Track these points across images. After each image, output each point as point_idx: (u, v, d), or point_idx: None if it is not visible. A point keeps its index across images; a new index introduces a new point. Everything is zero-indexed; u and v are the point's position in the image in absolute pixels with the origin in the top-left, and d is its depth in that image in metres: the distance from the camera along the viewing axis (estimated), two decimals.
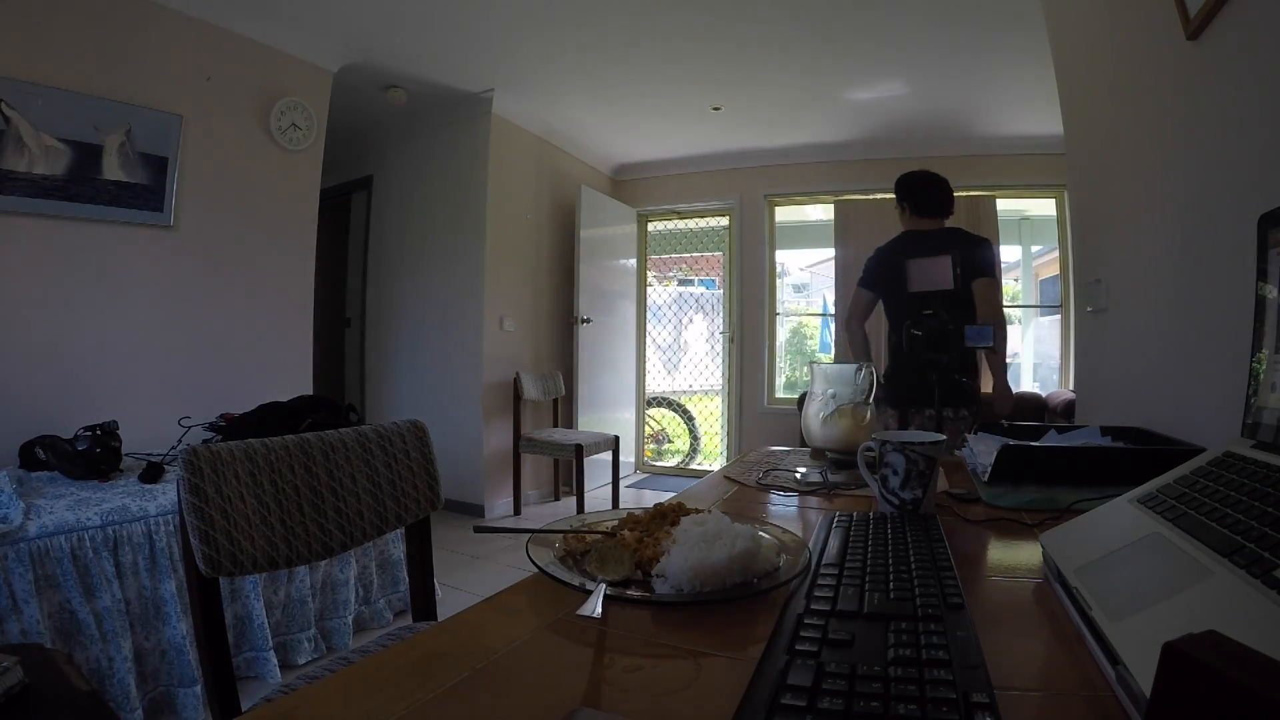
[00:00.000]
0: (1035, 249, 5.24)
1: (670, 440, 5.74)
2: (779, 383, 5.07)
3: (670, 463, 5.50)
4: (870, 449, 0.84)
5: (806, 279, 6.69)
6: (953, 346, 1.96)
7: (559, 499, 4.45)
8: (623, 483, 4.36)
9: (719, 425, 5.30)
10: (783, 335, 5.31)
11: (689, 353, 5.69)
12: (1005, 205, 4.44)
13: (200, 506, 0.81)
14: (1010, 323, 4.90)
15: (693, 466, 5.40)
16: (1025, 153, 4.12)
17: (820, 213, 5.19)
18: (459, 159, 4.00)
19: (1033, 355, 4.99)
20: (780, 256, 5.14)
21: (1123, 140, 1.50)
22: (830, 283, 4.90)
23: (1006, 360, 2.49)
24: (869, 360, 2.45)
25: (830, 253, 4.84)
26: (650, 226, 5.38)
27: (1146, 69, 1.33)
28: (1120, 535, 0.57)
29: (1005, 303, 4.70)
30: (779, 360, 5.10)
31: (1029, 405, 3.57)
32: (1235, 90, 1.00)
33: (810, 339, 6.02)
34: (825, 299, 5.99)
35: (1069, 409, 2.95)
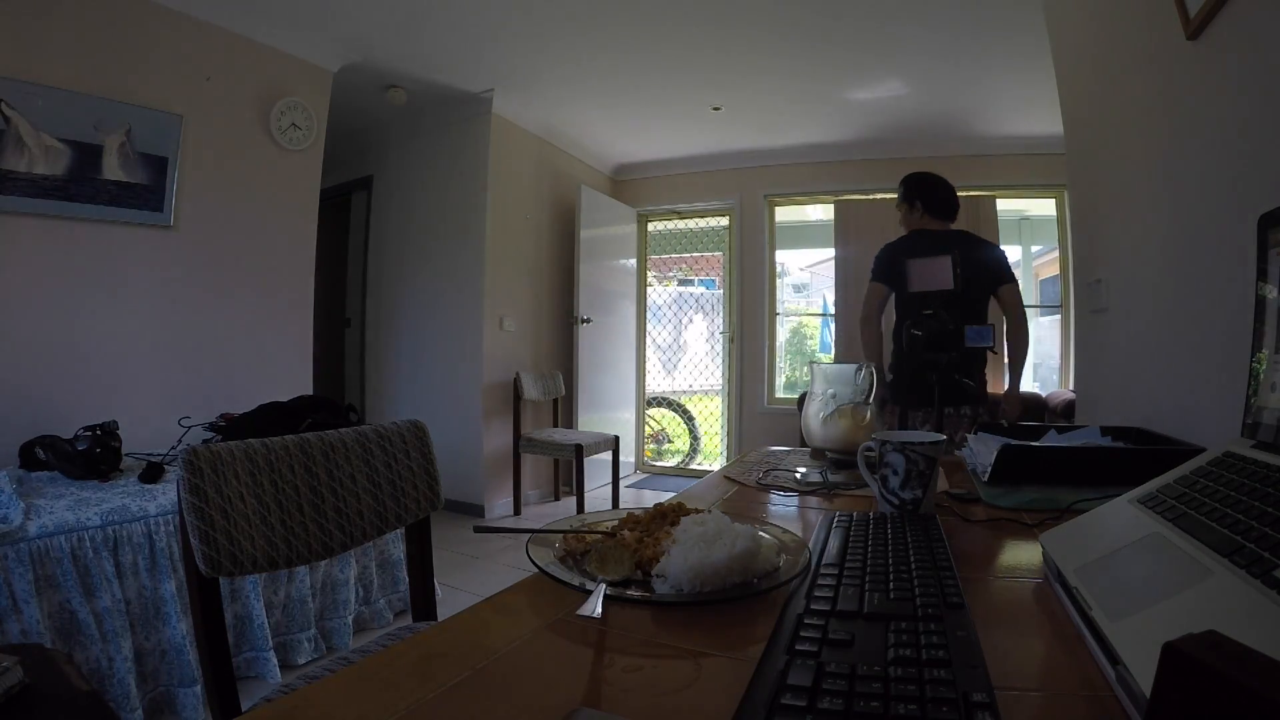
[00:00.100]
0: (1035, 249, 5.24)
1: (670, 440, 5.74)
2: (779, 383, 5.07)
3: (670, 463, 5.50)
4: (870, 449, 0.84)
5: (806, 279, 6.69)
6: (952, 346, 1.96)
7: (559, 499, 4.45)
8: (623, 483, 4.36)
9: (719, 425, 5.30)
10: (783, 335, 5.31)
11: (689, 353, 5.69)
12: (1005, 205, 4.44)
13: (200, 506, 0.81)
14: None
15: (693, 466, 5.40)
16: (1025, 153, 4.12)
17: (820, 213, 5.20)
18: (459, 159, 4.00)
19: (1033, 355, 4.98)
20: (780, 256, 5.14)
21: (1123, 140, 1.50)
22: (830, 283, 4.90)
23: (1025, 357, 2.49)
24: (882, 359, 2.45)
25: (830, 253, 4.85)
26: (650, 226, 5.38)
27: (1146, 69, 1.33)
28: (1120, 535, 0.57)
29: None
30: (779, 360, 5.10)
31: (1029, 405, 3.57)
32: (1235, 90, 1.00)
33: (810, 339, 6.01)
34: (825, 299, 5.99)
35: (1069, 409, 2.96)
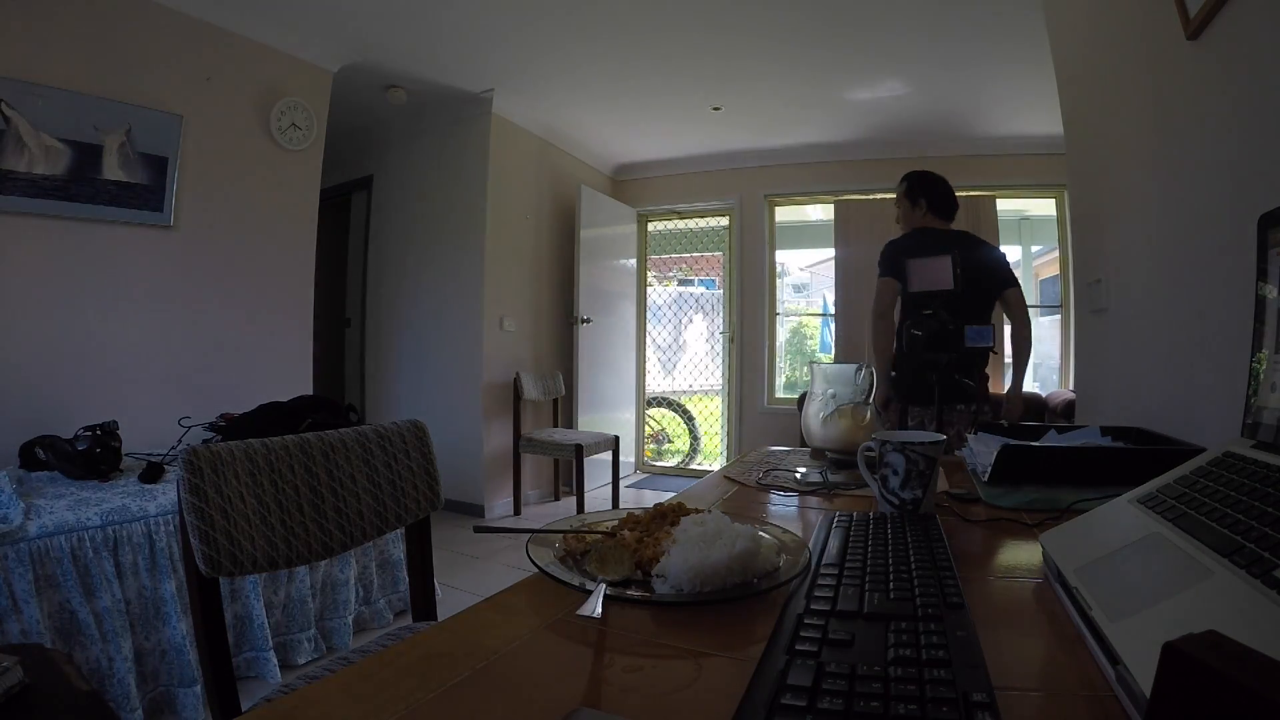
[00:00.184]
0: (1035, 249, 5.24)
1: (670, 440, 5.74)
2: (779, 383, 5.07)
3: (670, 463, 5.50)
4: (870, 449, 0.84)
5: (806, 279, 6.69)
6: (952, 347, 1.96)
7: (559, 499, 4.45)
8: (623, 483, 4.36)
9: (719, 425, 5.30)
10: (783, 335, 5.31)
11: (688, 352, 5.69)
12: (1005, 205, 4.44)
13: (200, 506, 0.81)
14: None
15: (693, 466, 5.40)
16: (1025, 153, 4.12)
17: (820, 213, 5.20)
18: (459, 159, 4.00)
19: (1033, 355, 4.98)
20: (780, 256, 5.14)
21: (1123, 140, 1.50)
22: (830, 283, 4.90)
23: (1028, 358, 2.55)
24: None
25: (830, 253, 4.85)
26: (650, 226, 5.38)
27: (1146, 69, 1.33)
28: (1120, 535, 0.57)
29: None
30: (779, 360, 5.10)
31: (1029, 405, 3.57)
32: (1235, 90, 1.00)
33: (810, 339, 6.01)
34: (825, 299, 5.99)
35: (1069, 409, 2.96)
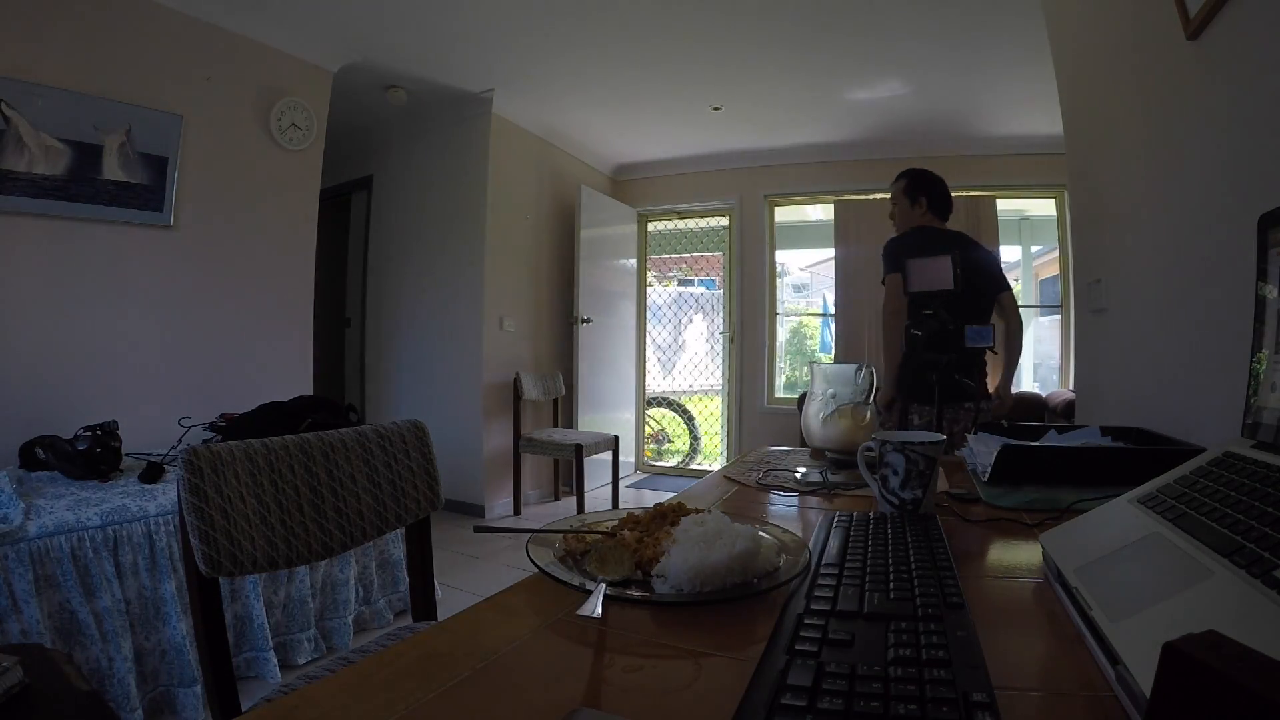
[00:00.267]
0: (1035, 249, 5.24)
1: (670, 440, 5.74)
2: (779, 383, 5.07)
3: (670, 463, 5.50)
4: (870, 449, 0.84)
5: (806, 279, 6.69)
6: (952, 347, 1.96)
7: (559, 499, 4.45)
8: (623, 483, 4.36)
9: (719, 425, 5.30)
10: (783, 335, 5.31)
11: (688, 352, 5.69)
12: (1005, 205, 4.44)
13: (200, 506, 0.81)
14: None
15: (693, 466, 5.40)
16: (1025, 153, 4.12)
17: (820, 213, 5.20)
18: (459, 159, 4.00)
19: (1033, 355, 4.99)
20: (780, 256, 5.14)
21: (1123, 140, 1.50)
22: (830, 283, 4.90)
23: (1019, 359, 2.57)
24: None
25: (830, 253, 4.85)
26: (650, 226, 5.38)
27: (1146, 69, 1.33)
28: (1120, 535, 0.57)
29: None
30: (779, 360, 5.10)
31: (1029, 405, 3.57)
32: (1235, 90, 1.00)
33: (810, 339, 6.02)
34: (825, 299, 5.99)
35: (1069, 409, 2.95)
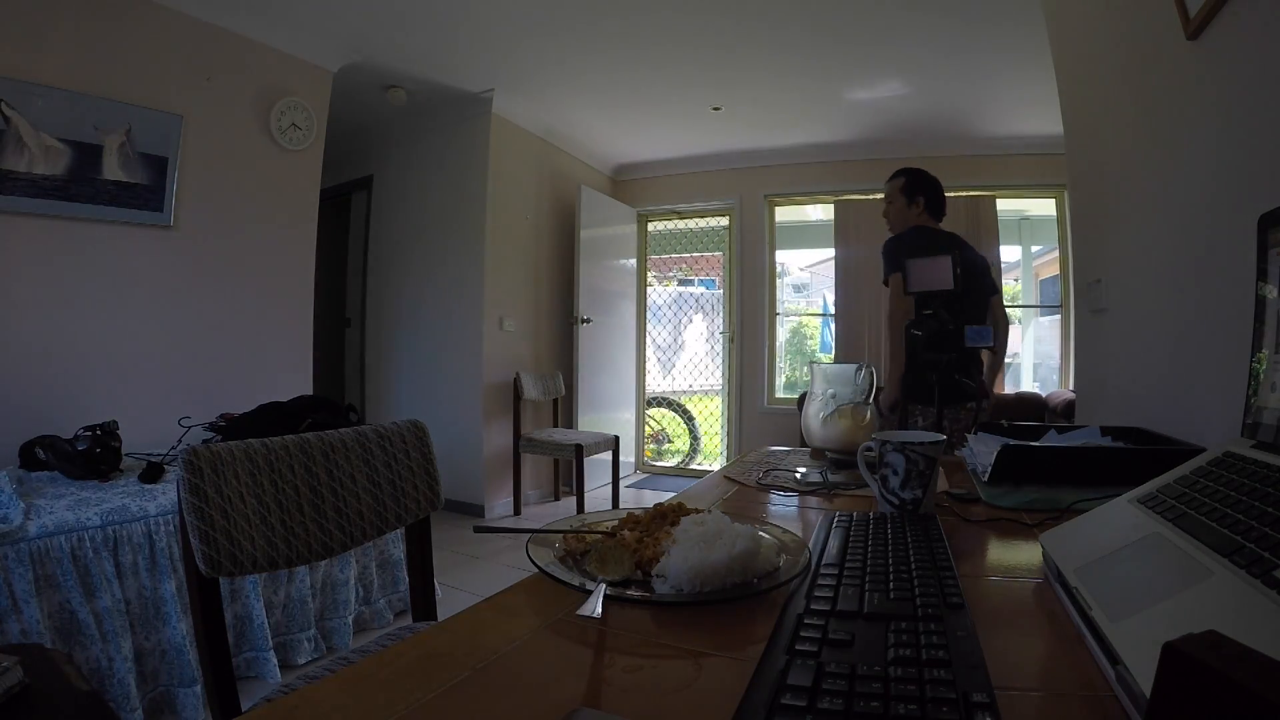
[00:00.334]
0: (1035, 249, 5.24)
1: (670, 440, 5.74)
2: (779, 383, 5.07)
3: (670, 463, 5.50)
4: (870, 449, 0.84)
5: (806, 279, 6.69)
6: (952, 346, 1.95)
7: (559, 499, 4.45)
8: (623, 483, 4.36)
9: (719, 425, 5.30)
10: (783, 335, 5.31)
11: (687, 352, 5.69)
12: (1005, 205, 4.44)
13: (200, 506, 0.81)
14: (1011, 323, 4.91)
15: (693, 466, 5.40)
16: (1025, 153, 4.12)
17: (820, 213, 5.20)
18: (459, 159, 4.00)
19: (1033, 355, 4.99)
20: (780, 256, 5.14)
21: (1123, 140, 1.50)
22: (830, 283, 4.90)
23: (1005, 360, 2.64)
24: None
25: (830, 253, 4.85)
26: (650, 226, 5.38)
27: (1146, 69, 1.33)
28: (1120, 535, 0.57)
29: (1006, 303, 4.77)
30: (779, 360, 5.10)
31: (1029, 405, 3.57)
32: (1235, 90, 1.00)
33: (810, 339, 6.02)
34: (825, 299, 5.99)
35: (1069, 409, 2.95)
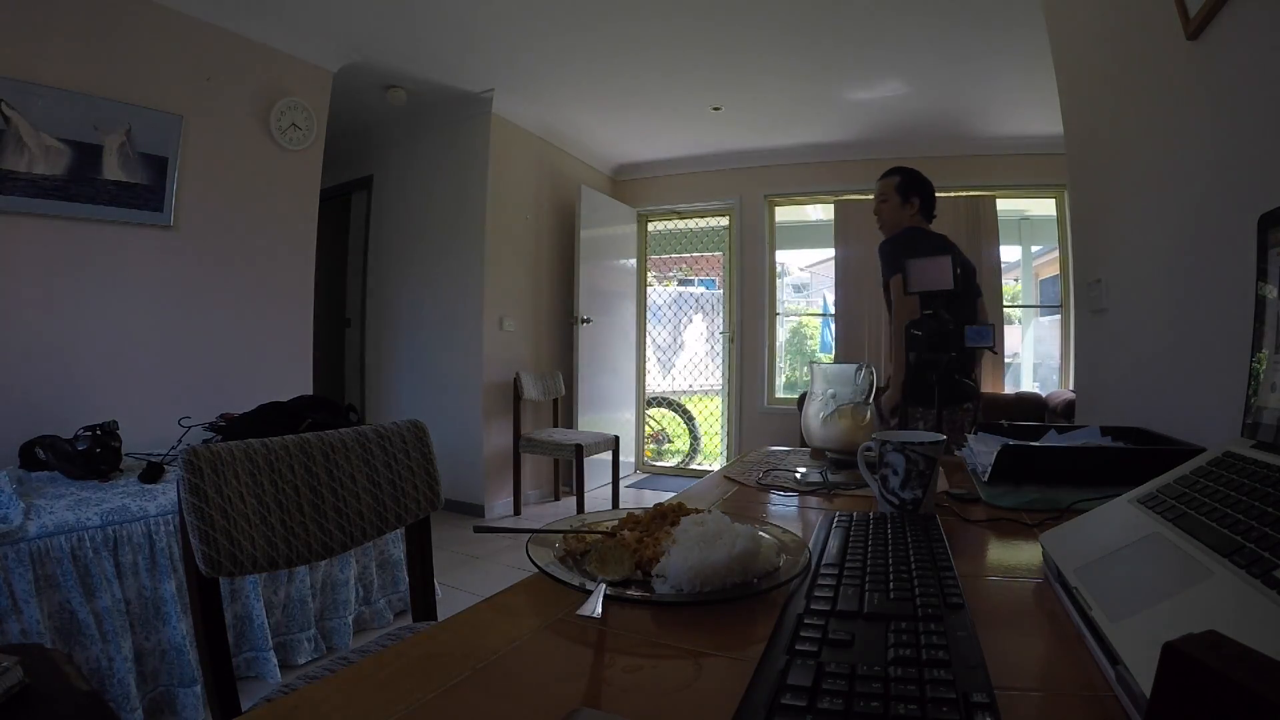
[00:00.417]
0: (1035, 249, 5.24)
1: (670, 440, 5.74)
2: (779, 383, 5.07)
3: (670, 463, 5.50)
4: (870, 449, 0.84)
5: (806, 279, 6.69)
6: (952, 346, 1.96)
7: (559, 499, 4.45)
8: (623, 483, 4.36)
9: (719, 425, 5.30)
10: (783, 335, 5.31)
11: (688, 352, 5.69)
12: (1005, 205, 4.44)
13: (200, 506, 0.81)
14: (1010, 322, 4.92)
15: (693, 466, 5.40)
16: (1025, 153, 4.12)
17: (820, 213, 5.20)
18: (459, 159, 4.00)
19: (1033, 355, 4.99)
20: (780, 256, 5.14)
21: (1123, 141, 1.50)
22: (830, 283, 4.90)
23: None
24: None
25: (830, 253, 4.84)
26: (650, 226, 5.38)
27: (1146, 69, 1.33)
28: (1120, 535, 0.57)
29: (1005, 303, 4.78)
30: (779, 360, 5.10)
31: (1029, 405, 3.57)
32: (1235, 90, 1.00)
33: (810, 339, 6.02)
34: (825, 299, 5.99)
35: (1069, 409, 2.95)
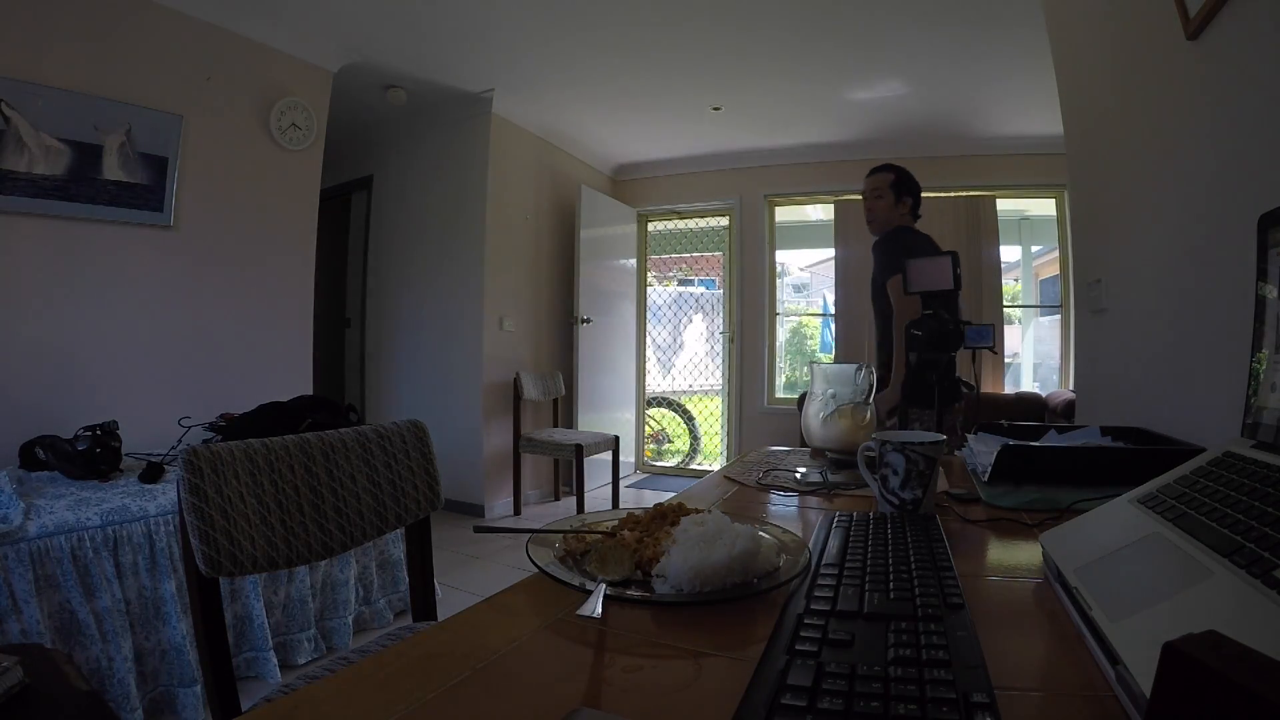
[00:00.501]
0: (1035, 249, 5.24)
1: (670, 440, 5.74)
2: (779, 383, 5.07)
3: (670, 463, 5.50)
4: (870, 449, 0.84)
5: (806, 279, 6.69)
6: (953, 346, 1.95)
7: (559, 499, 4.45)
8: (623, 483, 4.36)
9: (719, 425, 5.30)
10: (783, 335, 5.31)
11: (688, 352, 5.69)
12: (1005, 205, 4.44)
13: (200, 506, 0.81)
14: (1010, 322, 4.92)
15: (693, 466, 5.40)
16: (1025, 153, 4.12)
17: (820, 213, 5.20)
18: (459, 159, 4.00)
19: (1033, 355, 4.99)
20: (780, 256, 5.14)
21: (1123, 140, 1.50)
22: (830, 283, 4.90)
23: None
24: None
25: (830, 253, 4.84)
26: (650, 226, 5.38)
27: (1146, 69, 1.33)
28: (1120, 535, 0.57)
29: (1006, 302, 4.77)
30: (779, 360, 5.10)
31: (1029, 405, 3.57)
32: (1235, 90, 1.00)
33: (810, 339, 6.02)
34: (825, 299, 5.99)
35: (1069, 409, 2.95)
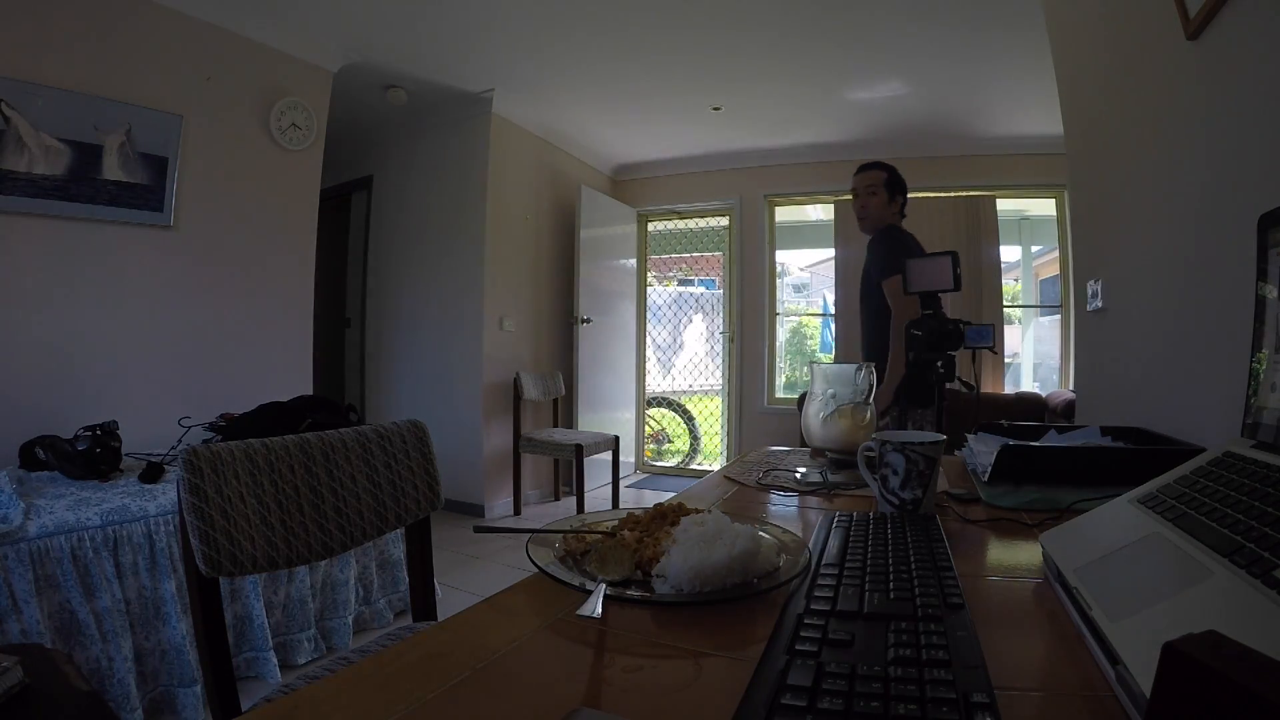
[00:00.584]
0: (1035, 249, 5.24)
1: (670, 440, 5.74)
2: (779, 383, 5.07)
3: (670, 463, 5.50)
4: (870, 449, 0.84)
5: (806, 279, 6.69)
6: (952, 346, 1.96)
7: (559, 499, 4.45)
8: (623, 483, 4.36)
9: (719, 425, 5.30)
10: (783, 335, 5.31)
11: (688, 352, 5.69)
12: (1005, 205, 4.44)
13: (200, 506, 0.81)
14: (1010, 322, 4.92)
15: (693, 466, 5.40)
16: (1025, 153, 4.12)
17: (820, 213, 5.20)
18: (459, 159, 4.00)
19: (1033, 355, 4.99)
20: (780, 256, 5.14)
21: (1123, 140, 1.50)
22: (830, 283, 4.90)
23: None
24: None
25: (830, 253, 4.85)
26: (650, 226, 5.38)
27: (1146, 69, 1.33)
28: (1120, 535, 0.57)
29: (1006, 302, 4.77)
30: (779, 360, 5.10)
31: (1029, 405, 3.57)
32: (1235, 90, 1.00)
33: (810, 339, 6.02)
34: (825, 299, 5.99)
35: (1069, 409, 2.95)
